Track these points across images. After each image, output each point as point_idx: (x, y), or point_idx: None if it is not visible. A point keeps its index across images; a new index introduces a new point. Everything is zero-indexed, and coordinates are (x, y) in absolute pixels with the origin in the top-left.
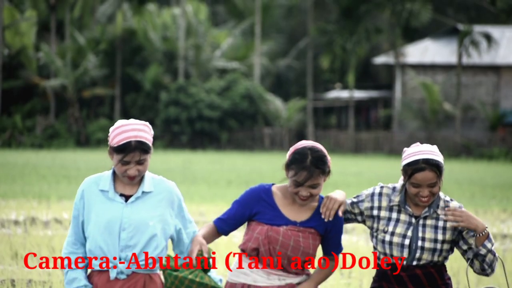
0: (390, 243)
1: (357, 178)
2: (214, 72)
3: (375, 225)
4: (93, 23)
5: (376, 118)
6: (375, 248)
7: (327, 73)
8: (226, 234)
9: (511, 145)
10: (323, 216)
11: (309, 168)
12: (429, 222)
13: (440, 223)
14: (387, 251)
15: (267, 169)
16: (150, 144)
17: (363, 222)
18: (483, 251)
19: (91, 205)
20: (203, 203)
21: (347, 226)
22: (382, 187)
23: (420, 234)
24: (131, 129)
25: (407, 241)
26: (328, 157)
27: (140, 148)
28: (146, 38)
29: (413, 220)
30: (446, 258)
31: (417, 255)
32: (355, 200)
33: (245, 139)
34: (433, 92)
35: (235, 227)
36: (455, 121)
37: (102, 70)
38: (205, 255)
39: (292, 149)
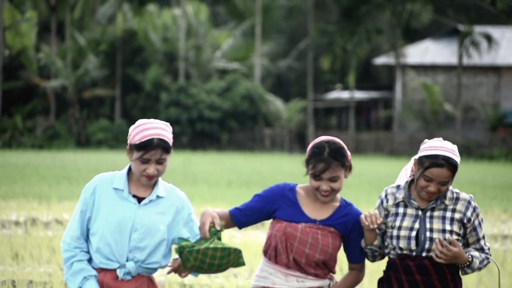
0: (398, 237)
1: (357, 179)
2: (214, 73)
3: (385, 223)
4: (93, 24)
5: (377, 119)
6: (386, 247)
7: (328, 74)
8: (240, 226)
9: None
10: (367, 223)
11: (326, 160)
12: (436, 213)
13: (448, 214)
14: (395, 244)
15: (268, 170)
16: (171, 144)
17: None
18: (467, 271)
19: (101, 202)
20: (203, 204)
21: None
22: (386, 189)
23: (427, 225)
24: (153, 127)
25: (413, 233)
26: (348, 152)
27: (162, 146)
28: (147, 39)
29: (420, 212)
30: None
31: (427, 245)
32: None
33: (246, 139)
34: (433, 93)
35: (251, 220)
36: (455, 121)
37: (102, 71)
38: (218, 227)
39: (311, 145)
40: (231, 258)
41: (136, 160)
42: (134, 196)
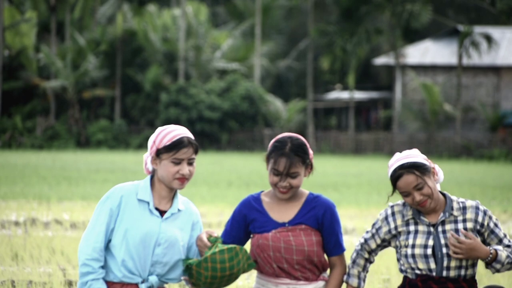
0: (413, 255)
1: (357, 179)
2: (214, 73)
3: (397, 243)
4: (93, 24)
5: (376, 119)
6: (401, 267)
7: (327, 74)
8: None
9: (511, 146)
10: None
11: (288, 155)
12: (448, 226)
13: (460, 225)
14: (413, 264)
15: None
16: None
17: (390, 245)
18: (496, 266)
19: (125, 214)
20: (203, 204)
21: (347, 226)
22: (392, 206)
23: (442, 241)
24: (178, 129)
25: (429, 251)
26: (310, 150)
27: (193, 144)
28: (146, 39)
29: (431, 229)
30: (474, 265)
31: (445, 263)
32: (374, 231)
33: (245, 140)
34: (433, 93)
35: (238, 244)
36: (455, 122)
37: (102, 71)
38: (215, 235)
39: (272, 140)
40: (240, 258)
41: (167, 164)
42: (156, 209)
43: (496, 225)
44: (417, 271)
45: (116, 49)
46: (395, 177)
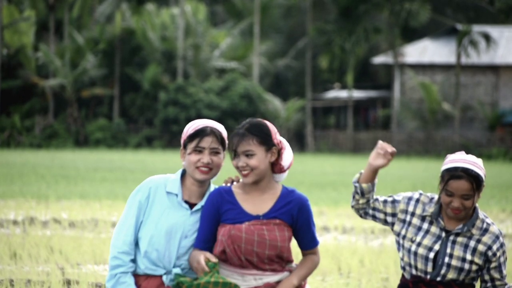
0: (415, 253)
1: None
2: (213, 72)
3: (403, 231)
4: (92, 23)
5: (375, 118)
6: (401, 259)
7: (326, 73)
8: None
9: (510, 145)
10: (380, 146)
11: (241, 133)
12: (460, 239)
13: (472, 243)
14: (412, 261)
15: None
16: (226, 140)
17: (391, 224)
18: None
19: (154, 206)
20: None
21: (345, 225)
22: (421, 194)
23: (448, 250)
24: (207, 121)
25: (431, 255)
26: (276, 135)
27: (216, 134)
28: (145, 38)
29: (443, 234)
30: (474, 279)
31: (442, 271)
32: (389, 199)
33: None
34: (432, 92)
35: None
36: (454, 121)
37: (101, 70)
38: (213, 260)
39: None
40: None
41: (190, 153)
42: (186, 202)
43: (504, 262)
44: (413, 271)
45: (114, 48)
46: (455, 176)
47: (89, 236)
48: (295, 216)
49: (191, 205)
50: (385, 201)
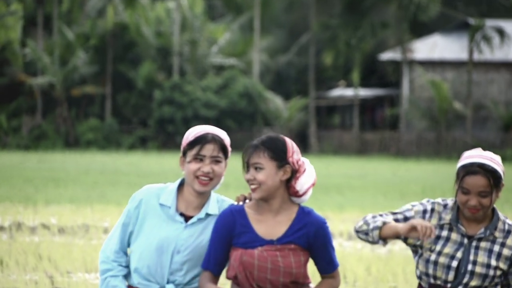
0: (435, 263)
1: (361, 181)
2: (210, 69)
3: (419, 242)
4: (82, 18)
5: (382, 118)
6: (417, 268)
7: (330, 70)
8: (219, 274)
9: None
10: (421, 236)
11: (255, 146)
12: (483, 244)
13: (496, 248)
14: (430, 271)
15: None
16: (228, 148)
17: (405, 239)
18: None
19: (146, 218)
20: None
21: (351, 231)
22: (433, 202)
23: (471, 257)
24: (208, 127)
25: (454, 263)
26: (292, 152)
27: (218, 141)
28: (139, 33)
29: (465, 240)
30: (497, 285)
31: (465, 280)
32: (400, 217)
33: (243, 140)
34: (442, 90)
35: (225, 262)
36: (465, 121)
37: (92, 67)
38: None
39: None
40: None
41: (190, 162)
42: (181, 214)
43: None
44: (432, 280)
45: (106, 44)
46: (470, 171)
47: (80, 242)
48: (311, 240)
49: (187, 218)
50: (396, 221)
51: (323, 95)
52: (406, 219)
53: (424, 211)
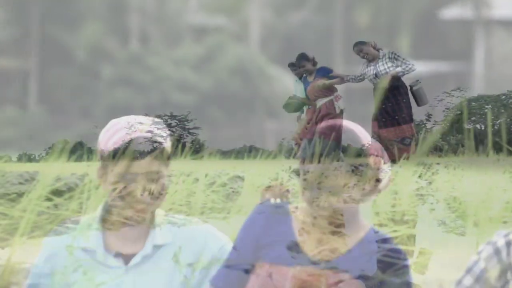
0: None
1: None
2: (186, 33)
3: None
4: None
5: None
6: None
7: (367, 34)
8: None
9: None
10: None
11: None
12: None
13: None
14: None
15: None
16: (169, 149)
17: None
18: None
19: (66, 277)
20: None
21: None
22: (505, 236)
23: None
24: (137, 123)
25: None
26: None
27: (154, 150)
28: None
29: None
30: None
31: None
32: (470, 281)
33: (237, 137)
34: None
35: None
36: None
37: (8, 30)
38: None
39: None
40: None
41: (113, 182)
42: (118, 254)
43: None
44: None
45: None
46: None
47: None
48: (378, 276)
49: (127, 258)
50: None
51: (355, 71)
52: (479, 278)
53: (497, 252)
